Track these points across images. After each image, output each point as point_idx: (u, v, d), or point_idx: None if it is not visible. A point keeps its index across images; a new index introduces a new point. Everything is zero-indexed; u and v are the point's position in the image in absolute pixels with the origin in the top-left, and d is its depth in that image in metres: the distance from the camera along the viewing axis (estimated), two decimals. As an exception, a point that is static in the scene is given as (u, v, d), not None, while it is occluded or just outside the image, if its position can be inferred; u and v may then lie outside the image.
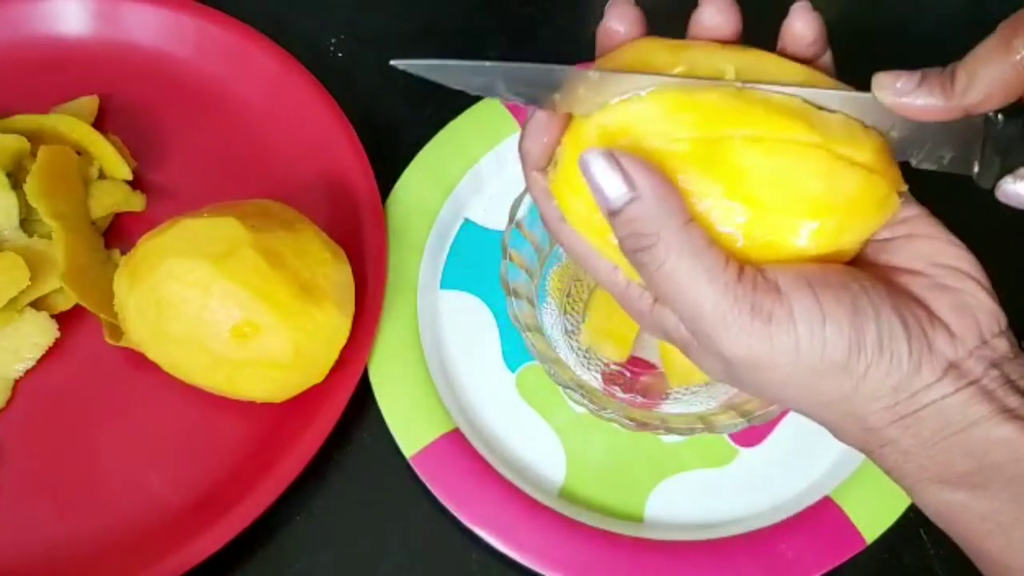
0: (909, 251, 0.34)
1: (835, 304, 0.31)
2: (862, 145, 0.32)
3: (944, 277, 0.33)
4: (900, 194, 0.33)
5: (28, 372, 0.46)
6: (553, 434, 0.47)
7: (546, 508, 0.44)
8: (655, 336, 0.36)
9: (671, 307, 0.32)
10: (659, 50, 0.33)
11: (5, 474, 0.44)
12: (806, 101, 0.33)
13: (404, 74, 0.58)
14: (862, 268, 0.34)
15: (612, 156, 0.31)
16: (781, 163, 0.32)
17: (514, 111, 0.52)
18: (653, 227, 0.31)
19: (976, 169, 0.34)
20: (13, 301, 0.45)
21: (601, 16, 0.35)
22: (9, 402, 0.46)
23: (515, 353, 0.48)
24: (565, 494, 0.46)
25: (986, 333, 0.32)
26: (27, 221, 0.48)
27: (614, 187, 0.31)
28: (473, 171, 0.51)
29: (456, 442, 0.45)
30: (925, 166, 0.35)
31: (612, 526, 0.44)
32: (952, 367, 0.32)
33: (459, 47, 0.57)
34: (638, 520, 0.45)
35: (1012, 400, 0.32)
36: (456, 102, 0.53)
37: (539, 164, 0.35)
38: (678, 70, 0.32)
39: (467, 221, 0.51)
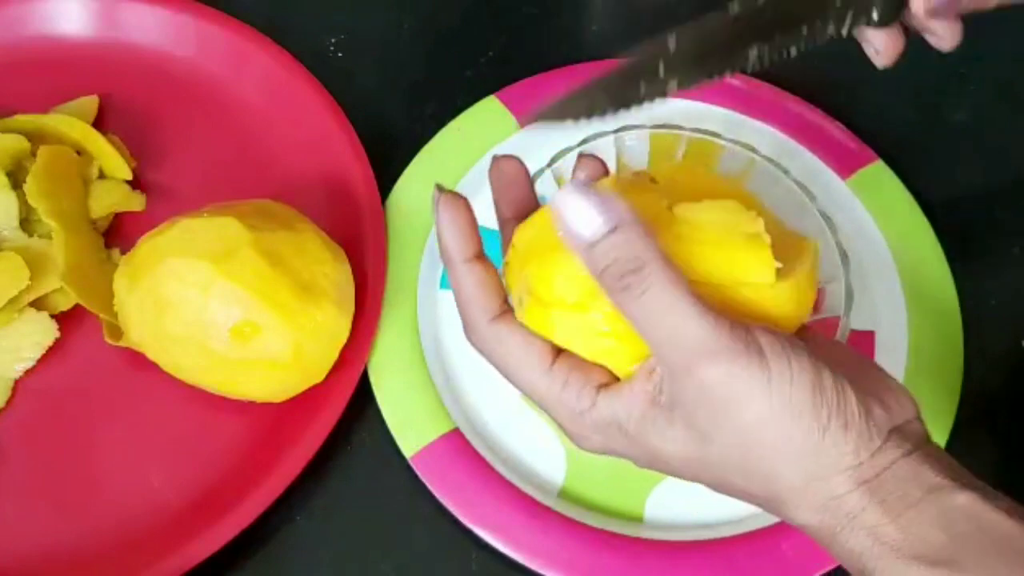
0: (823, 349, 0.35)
1: (794, 347, 0.32)
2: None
3: (860, 366, 0.34)
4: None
5: (28, 372, 0.46)
6: (553, 434, 0.47)
7: (546, 508, 0.44)
8: (587, 446, 0.36)
9: (645, 335, 0.32)
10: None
11: (5, 474, 0.44)
12: None
13: (404, 74, 0.58)
14: None
15: (589, 190, 0.32)
16: (722, 213, 0.35)
17: (514, 110, 0.52)
18: (638, 252, 0.31)
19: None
20: (13, 301, 0.45)
21: (601, 16, 0.35)
22: (9, 402, 0.46)
23: (515, 353, 0.48)
24: (565, 494, 0.46)
25: (909, 413, 0.33)
26: (27, 221, 0.48)
27: (595, 218, 0.32)
28: (473, 171, 0.51)
29: (456, 442, 0.45)
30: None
31: (612, 526, 0.44)
32: (895, 431, 0.32)
33: (459, 47, 0.57)
34: (638, 520, 0.45)
35: (957, 470, 0.32)
36: (456, 102, 0.53)
37: (468, 253, 0.36)
38: None
39: (467, 221, 0.51)
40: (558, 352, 0.35)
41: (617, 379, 0.34)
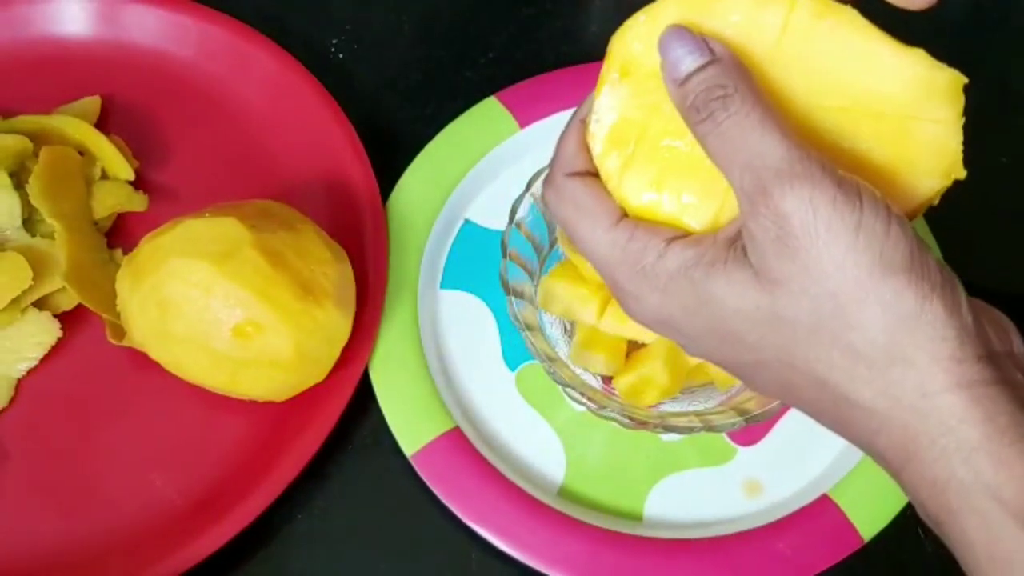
0: None
1: (901, 217, 0.28)
2: None
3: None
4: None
5: (30, 372, 0.46)
6: (553, 433, 0.47)
7: (546, 507, 0.44)
8: (641, 310, 0.33)
9: (725, 165, 0.30)
10: None
11: (6, 474, 0.45)
12: None
13: (404, 74, 0.58)
14: None
15: (690, 31, 0.31)
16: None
17: (514, 111, 0.52)
18: (732, 80, 0.30)
19: None
20: (16, 301, 0.45)
21: (601, 16, 0.35)
22: (11, 402, 0.46)
23: (515, 352, 0.49)
24: (565, 493, 0.46)
25: (1019, 350, 0.29)
26: (30, 221, 0.48)
27: (694, 54, 0.31)
28: (473, 171, 0.51)
29: (456, 441, 0.45)
30: None
31: (612, 525, 0.44)
32: (1007, 355, 0.28)
33: (459, 47, 0.57)
34: (638, 519, 0.45)
35: None
36: (456, 102, 0.53)
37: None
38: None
39: (467, 221, 0.51)
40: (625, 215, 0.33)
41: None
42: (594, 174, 0.35)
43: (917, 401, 0.26)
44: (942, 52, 0.33)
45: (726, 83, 0.30)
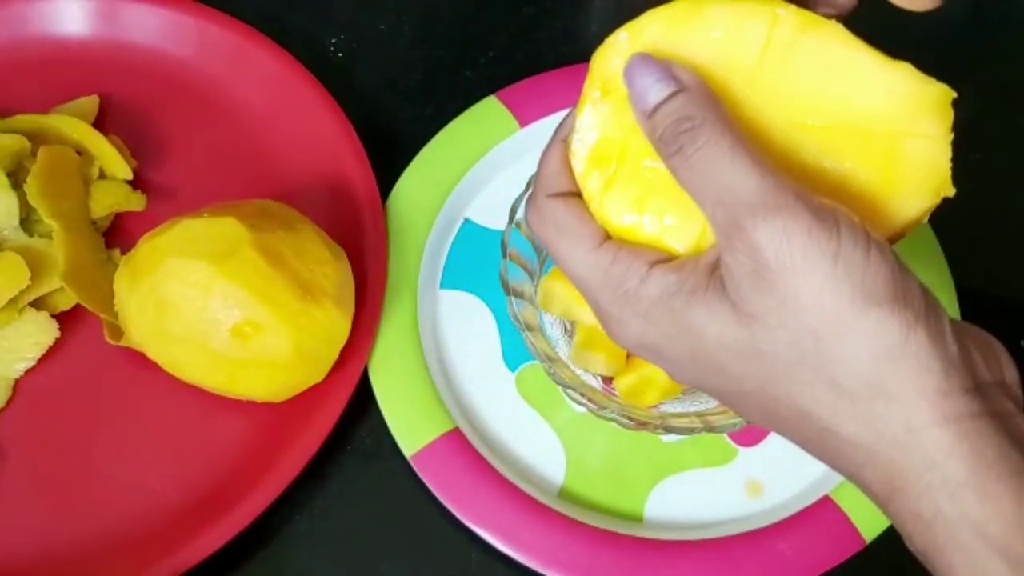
0: None
1: (882, 243, 0.27)
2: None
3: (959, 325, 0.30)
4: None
5: (28, 372, 0.46)
6: (553, 434, 0.47)
7: (546, 508, 0.44)
8: (624, 335, 0.33)
9: (698, 198, 0.29)
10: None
11: (5, 474, 0.44)
12: None
13: (404, 74, 0.58)
14: None
15: (656, 60, 0.31)
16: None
17: (514, 110, 0.52)
18: (700, 111, 0.30)
19: None
20: (13, 301, 0.45)
21: (601, 16, 0.35)
22: (9, 402, 0.46)
23: (515, 353, 0.48)
24: (565, 494, 0.46)
25: (1013, 378, 0.28)
26: (27, 221, 0.48)
27: (660, 84, 0.30)
28: (473, 171, 0.51)
29: (456, 442, 0.45)
30: None
31: (612, 526, 0.44)
32: (997, 385, 0.27)
33: (459, 47, 0.57)
34: (638, 520, 0.45)
35: None
36: (456, 102, 0.53)
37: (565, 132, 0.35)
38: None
39: (467, 221, 0.51)
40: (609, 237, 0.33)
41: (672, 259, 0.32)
42: (576, 194, 0.34)
43: (902, 436, 0.26)
44: (942, 53, 0.33)
45: (693, 114, 0.30)
